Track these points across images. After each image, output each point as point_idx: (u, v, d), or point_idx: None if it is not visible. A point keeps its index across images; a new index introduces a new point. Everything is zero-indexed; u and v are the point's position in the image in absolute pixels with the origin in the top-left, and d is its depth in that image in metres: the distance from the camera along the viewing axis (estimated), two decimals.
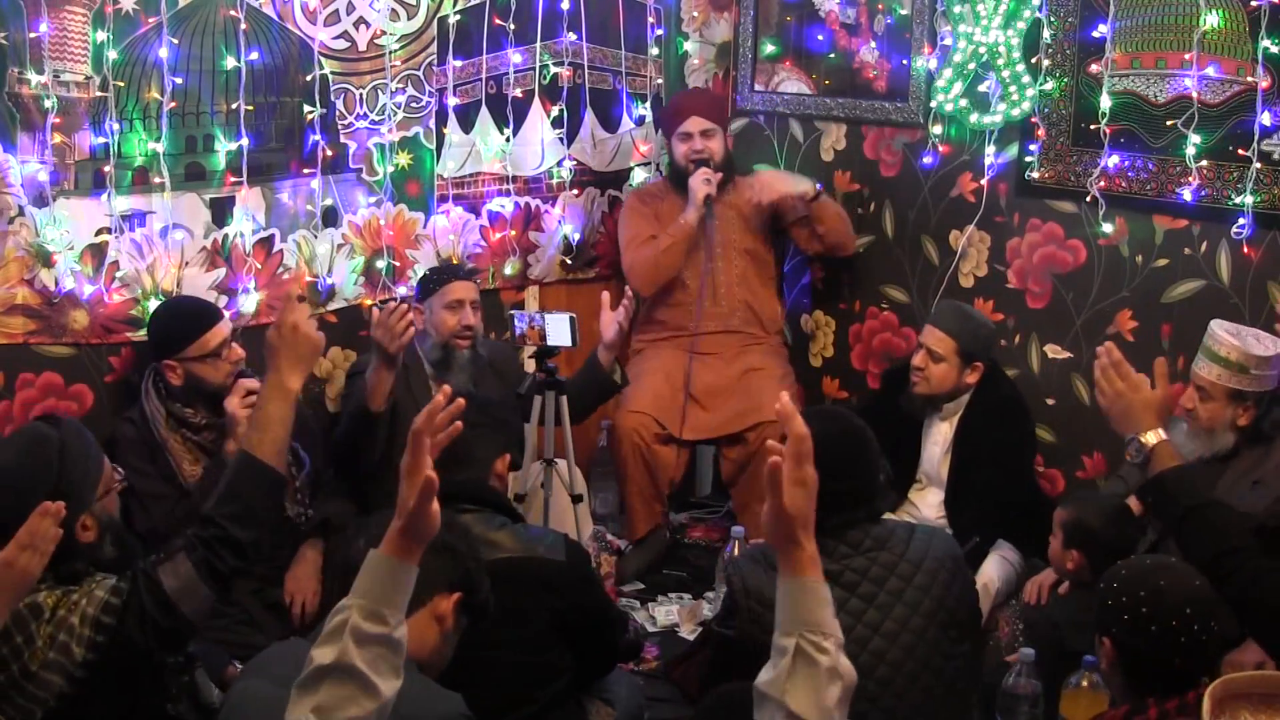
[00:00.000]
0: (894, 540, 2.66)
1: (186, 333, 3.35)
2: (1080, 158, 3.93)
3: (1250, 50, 3.49)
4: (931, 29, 4.24)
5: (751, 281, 4.44)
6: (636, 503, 4.29)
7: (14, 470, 2.42)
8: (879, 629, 2.58)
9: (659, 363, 4.39)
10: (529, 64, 4.37)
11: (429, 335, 3.82)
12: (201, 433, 3.38)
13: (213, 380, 3.35)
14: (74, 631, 2.34)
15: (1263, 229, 3.56)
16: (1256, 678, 2.01)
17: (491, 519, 2.72)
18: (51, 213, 3.40)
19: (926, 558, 2.65)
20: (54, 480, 2.41)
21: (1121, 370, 2.71)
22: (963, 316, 3.83)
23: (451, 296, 3.81)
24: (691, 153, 4.34)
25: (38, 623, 2.34)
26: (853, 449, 2.66)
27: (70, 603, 2.36)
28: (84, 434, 2.55)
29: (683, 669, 3.51)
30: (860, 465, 2.67)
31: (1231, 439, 3.32)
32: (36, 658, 2.32)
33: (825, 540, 2.56)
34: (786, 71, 4.74)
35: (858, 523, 2.63)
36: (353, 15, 3.93)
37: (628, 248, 4.47)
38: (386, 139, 4.06)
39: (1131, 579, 2.32)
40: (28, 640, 2.33)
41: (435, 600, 2.16)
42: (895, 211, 4.48)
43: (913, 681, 2.58)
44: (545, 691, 2.69)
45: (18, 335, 3.41)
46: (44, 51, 3.31)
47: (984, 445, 3.73)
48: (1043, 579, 3.47)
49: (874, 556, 2.62)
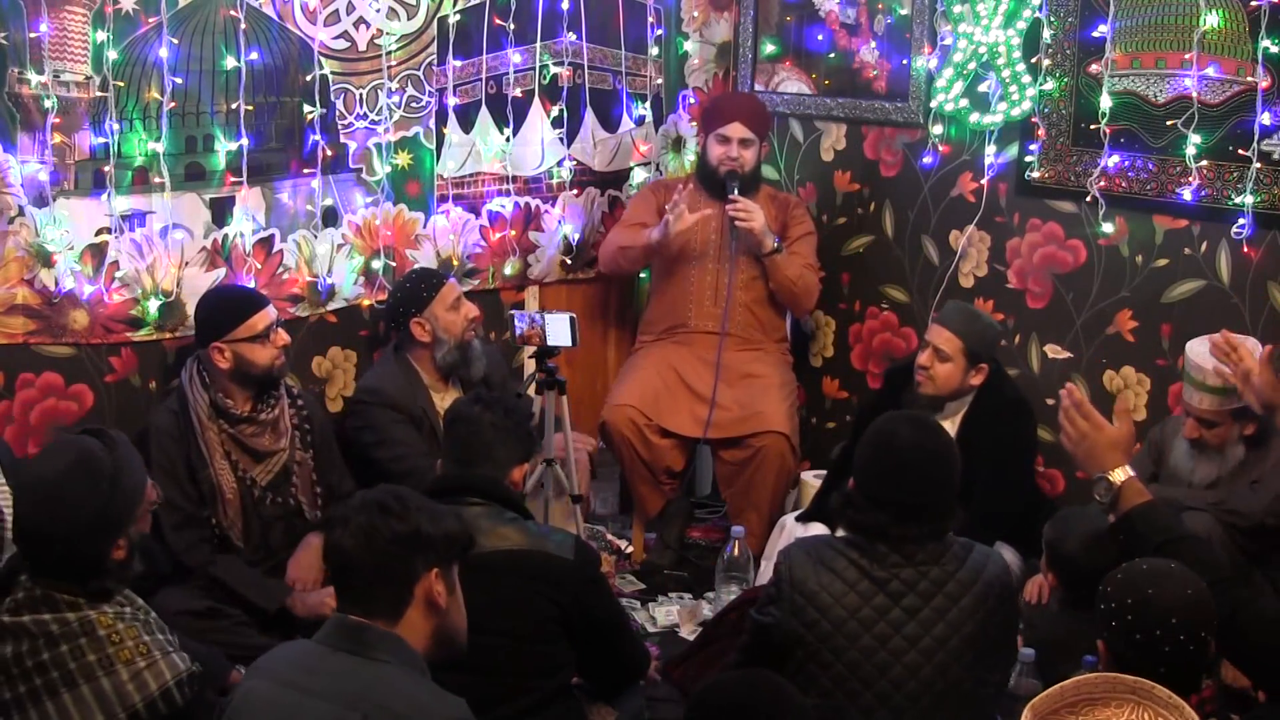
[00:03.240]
0: (948, 558, 2.60)
1: (235, 316, 3.42)
2: (1080, 158, 3.92)
3: (1250, 50, 3.49)
4: (931, 29, 4.24)
5: (755, 288, 4.44)
6: (642, 488, 4.32)
7: (63, 488, 2.42)
8: (917, 644, 2.55)
9: (652, 359, 4.40)
10: (529, 64, 4.37)
11: (443, 342, 3.83)
12: (239, 425, 3.42)
13: (261, 363, 3.42)
14: (123, 688, 2.39)
15: (1263, 229, 3.56)
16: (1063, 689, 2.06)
17: (500, 513, 2.74)
18: (51, 213, 3.40)
19: (978, 581, 2.60)
20: (102, 504, 2.42)
21: (1084, 410, 2.74)
22: (970, 317, 3.81)
23: (451, 297, 3.86)
24: (726, 158, 4.33)
25: (90, 640, 2.38)
26: (938, 469, 2.62)
27: (125, 647, 2.41)
28: (134, 460, 2.57)
29: (683, 669, 3.51)
30: (941, 486, 2.62)
31: (1241, 450, 3.33)
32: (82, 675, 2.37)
33: (879, 546, 2.58)
34: (786, 71, 4.74)
35: (920, 538, 2.59)
36: (352, 15, 3.93)
37: (616, 225, 4.55)
38: (386, 139, 4.06)
39: (1124, 585, 2.31)
40: (75, 653, 2.37)
41: (419, 591, 2.15)
42: (895, 211, 4.48)
43: (940, 701, 2.56)
44: (545, 682, 2.70)
45: (18, 335, 3.41)
46: (44, 51, 3.31)
47: (986, 446, 3.72)
48: (1042, 579, 3.47)
49: (925, 571, 2.58)
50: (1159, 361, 3.84)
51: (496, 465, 2.82)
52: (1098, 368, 3.99)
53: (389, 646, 2.08)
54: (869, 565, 2.58)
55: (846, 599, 2.56)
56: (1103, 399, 3.98)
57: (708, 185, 4.40)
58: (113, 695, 2.37)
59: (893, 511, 2.57)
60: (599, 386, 4.70)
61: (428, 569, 2.15)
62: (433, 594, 2.15)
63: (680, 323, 4.47)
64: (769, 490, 4.18)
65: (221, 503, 3.39)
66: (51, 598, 2.41)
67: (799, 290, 4.38)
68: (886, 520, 2.57)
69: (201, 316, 3.51)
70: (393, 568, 2.11)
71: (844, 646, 2.55)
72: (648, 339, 4.55)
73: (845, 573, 2.58)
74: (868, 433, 2.71)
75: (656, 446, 4.24)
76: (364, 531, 2.11)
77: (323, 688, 2.04)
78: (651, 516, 4.40)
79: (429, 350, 3.86)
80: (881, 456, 2.63)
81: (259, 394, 3.47)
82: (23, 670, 2.37)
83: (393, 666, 2.06)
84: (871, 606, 2.56)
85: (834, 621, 2.55)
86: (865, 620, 2.56)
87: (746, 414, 4.22)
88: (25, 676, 2.37)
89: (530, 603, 2.67)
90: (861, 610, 2.56)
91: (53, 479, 2.43)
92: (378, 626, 2.10)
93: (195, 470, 3.37)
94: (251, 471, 3.44)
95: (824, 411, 4.78)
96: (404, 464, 3.67)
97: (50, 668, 2.37)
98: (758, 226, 4.24)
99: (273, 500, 3.47)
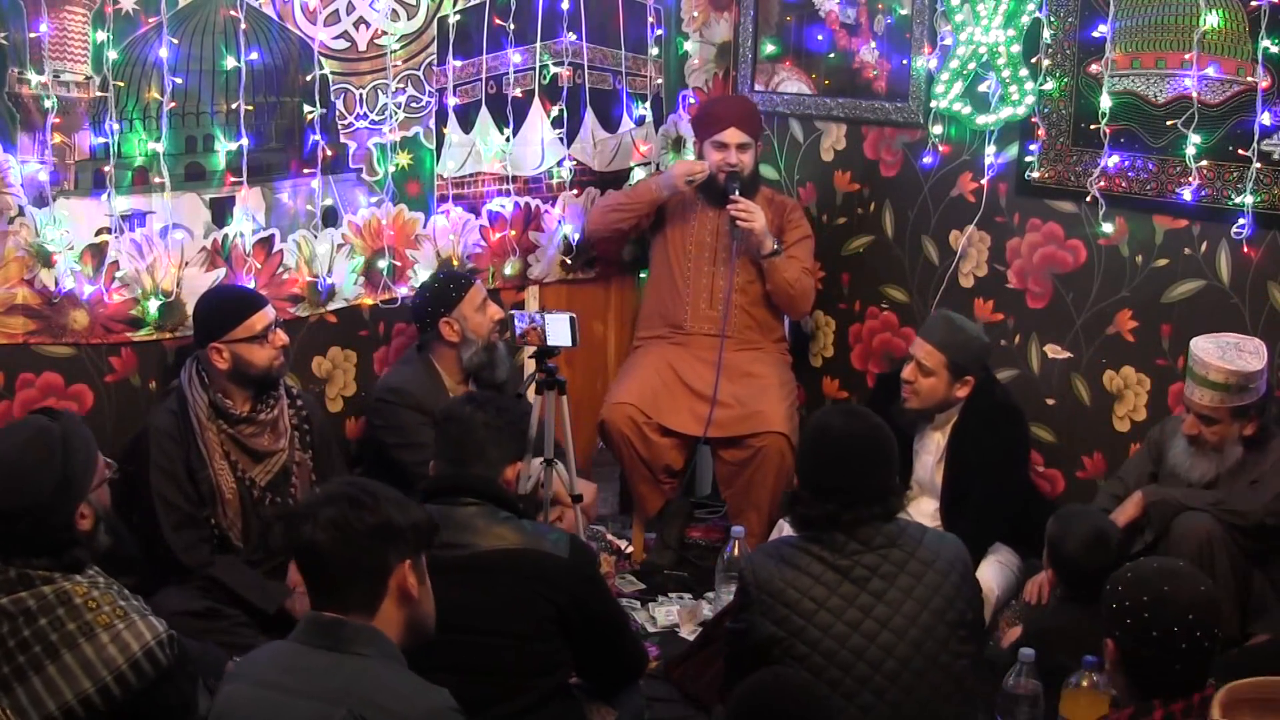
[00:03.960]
0: (906, 538, 2.68)
1: (234, 316, 3.42)
2: (1080, 158, 3.92)
3: (1250, 50, 3.49)
4: (931, 29, 4.24)
5: (752, 291, 4.43)
6: (641, 487, 4.32)
7: (18, 461, 2.49)
8: (888, 624, 2.60)
9: (650, 358, 4.40)
10: (529, 64, 4.37)
11: (471, 342, 3.87)
12: (238, 425, 3.42)
13: (259, 363, 3.42)
14: (105, 650, 2.42)
15: (1263, 229, 3.56)
16: (1258, 684, 2.02)
17: (495, 513, 2.74)
18: (51, 213, 3.40)
19: (939, 558, 2.68)
20: (59, 470, 2.50)
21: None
22: (953, 329, 3.77)
23: (478, 298, 3.91)
24: (725, 164, 4.33)
25: (68, 609, 2.42)
26: (872, 447, 2.71)
27: (102, 612, 2.45)
28: (81, 425, 2.65)
29: (683, 669, 3.51)
30: (880, 464, 2.71)
31: (1240, 450, 3.34)
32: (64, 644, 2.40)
33: (836, 536, 2.64)
34: (786, 71, 4.74)
35: (871, 519, 2.66)
36: (353, 15, 3.93)
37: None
38: (387, 139, 4.06)
39: (1136, 583, 2.32)
40: (54, 624, 2.41)
41: (392, 583, 2.14)
42: (895, 211, 4.48)
43: (919, 677, 2.60)
44: (543, 681, 2.70)
45: (18, 335, 3.41)
46: (44, 51, 3.31)
47: (979, 453, 3.72)
48: (1042, 579, 3.48)
49: (885, 553, 2.65)
50: (1159, 361, 3.84)
51: (489, 464, 2.82)
52: (1098, 368, 3.99)
53: (367, 640, 2.07)
54: (830, 555, 2.63)
55: (814, 591, 2.61)
56: (1103, 399, 3.99)
57: (706, 191, 4.40)
58: (95, 659, 2.40)
59: (839, 499, 2.64)
60: (599, 386, 4.70)
61: (400, 560, 2.15)
62: (406, 585, 2.15)
63: (676, 324, 4.47)
64: (769, 490, 4.18)
65: (221, 503, 3.39)
66: (26, 575, 2.45)
67: (796, 293, 4.38)
68: (835, 508, 2.64)
69: (199, 317, 3.51)
70: (367, 561, 2.10)
71: (818, 637, 2.59)
72: (646, 335, 4.55)
73: (809, 567, 2.63)
74: (804, 430, 2.86)
75: (656, 445, 4.24)
76: (336, 526, 2.09)
77: (305, 686, 2.03)
78: (651, 516, 4.40)
79: (455, 350, 3.89)
80: (819, 449, 2.74)
81: (258, 394, 3.46)
82: (5, 650, 2.40)
83: (373, 660, 2.06)
84: (839, 595, 2.61)
85: (804, 614, 2.60)
86: (835, 609, 2.60)
87: (746, 413, 4.22)
88: (9, 656, 2.40)
89: (527, 602, 2.67)
90: (830, 599, 2.61)
91: (8, 457, 2.50)
92: (354, 621, 2.09)
93: (194, 470, 3.37)
94: (251, 472, 3.44)
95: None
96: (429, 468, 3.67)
97: (32, 643, 2.40)
98: (758, 227, 4.25)
99: (272, 500, 3.47)
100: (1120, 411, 3.95)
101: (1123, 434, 3.94)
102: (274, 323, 3.47)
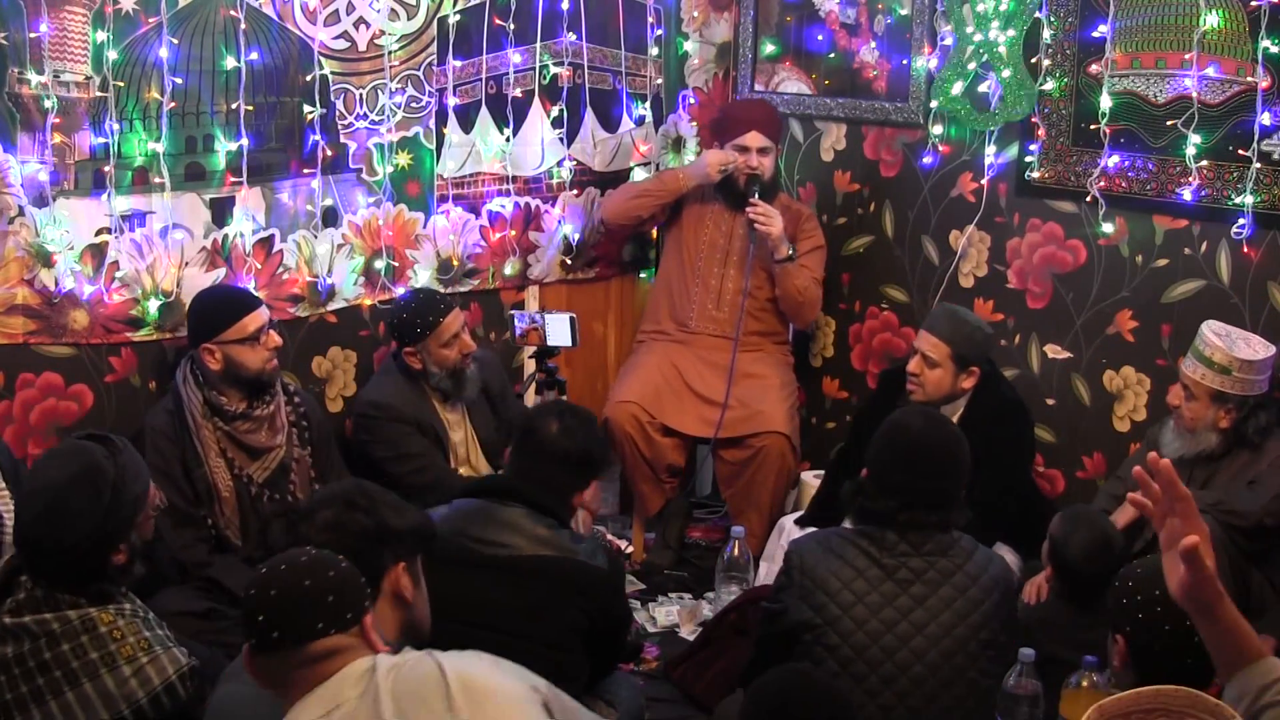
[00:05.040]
0: (956, 550, 2.70)
1: (226, 317, 3.41)
2: (1080, 158, 3.92)
3: (1250, 50, 3.49)
4: (931, 29, 4.24)
5: (761, 295, 4.43)
6: (642, 486, 4.32)
7: (63, 497, 2.42)
8: (923, 629, 2.62)
9: (654, 357, 4.40)
10: (529, 64, 4.37)
11: (433, 373, 3.80)
12: (234, 422, 3.42)
13: (251, 365, 3.41)
14: (126, 684, 2.39)
15: (1263, 229, 3.56)
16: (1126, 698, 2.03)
17: (539, 519, 2.75)
18: (51, 213, 3.40)
19: (984, 575, 2.69)
20: (100, 516, 2.43)
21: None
22: (957, 321, 3.78)
23: (447, 335, 3.77)
24: (746, 167, 4.33)
25: (91, 637, 2.38)
26: (948, 457, 2.74)
27: (126, 643, 2.41)
28: (138, 466, 2.58)
29: (683, 669, 3.51)
30: (949, 474, 2.73)
31: (1214, 439, 3.33)
32: (85, 673, 2.37)
33: (888, 534, 2.67)
34: (786, 71, 4.74)
35: (927, 525, 2.67)
36: (353, 15, 3.93)
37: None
38: (386, 139, 4.06)
39: (1147, 578, 2.33)
40: (77, 650, 2.38)
41: (386, 585, 2.15)
42: (895, 211, 4.48)
43: (945, 687, 2.61)
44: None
45: (18, 335, 3.41)
46: (44, 51, 3.31)
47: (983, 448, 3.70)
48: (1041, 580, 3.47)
49: (932, 560, 2.66)
50: (1159, 361, 3.84)
51: (551, 489, 2.81)
52: (1098, 368, 3.99)
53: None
54: (878, 552, 2.66)
55: (855, 584, 2.64)
56: (1103, 399, 3.99)
57: (725, 193, 4.40)
58: (116, 691, 2.38)
59: (903, 498, 2.66)
60: (599, 386, 4.71)
61: (395, 562, 2.15)
62: (400, 587, 2.16)
63: (681, 322, 4.47)
64: (769, 490, 4.19)
65: (218, 501, 3.39)
66: (53, 597, 2.42)
67: (804, 301, 4.38)
68: (896, 506, 2.66)
69: (193, 317, 3.50)
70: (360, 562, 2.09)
71: (851, 629, 2.61)
72: (650, 330, 4.56)
73: (854, 560, 2.66)
74: (882, 426, 2.84)
75: (658, 444, 4.24)
76: (331, 527, 2.10)
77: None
78: (651, 515, 4.40)
79: (427, 375, 3.83)
80: (893, 445, 2.75)
81: (252, 394, 3.45)
82: (25, 670, 2.37)
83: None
84: (879, 592, 2.63)
85: (842, 605, 2.62)
86: (873, 605, 2.62)
87: (747, 413, 4.22)
88: (28, 676, 2.37)
89: (559, 611, 2.67)
90: (869, 595, 2.63)
91: (56, 490, 2.43)
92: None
93: (190, 469, 3.37)
94: (248, 469, 3.44)
95: (824, 412, 4.78)
96: (426, 476, 3.68)
97: (53, 666, 2.37)
98: (776, 231, 4.25)
99: (270, 497, 3.46)
100: (1120, 411, 3.95)
101: (1123, 434, 3.94)
102: (267, 324, 3.46)
